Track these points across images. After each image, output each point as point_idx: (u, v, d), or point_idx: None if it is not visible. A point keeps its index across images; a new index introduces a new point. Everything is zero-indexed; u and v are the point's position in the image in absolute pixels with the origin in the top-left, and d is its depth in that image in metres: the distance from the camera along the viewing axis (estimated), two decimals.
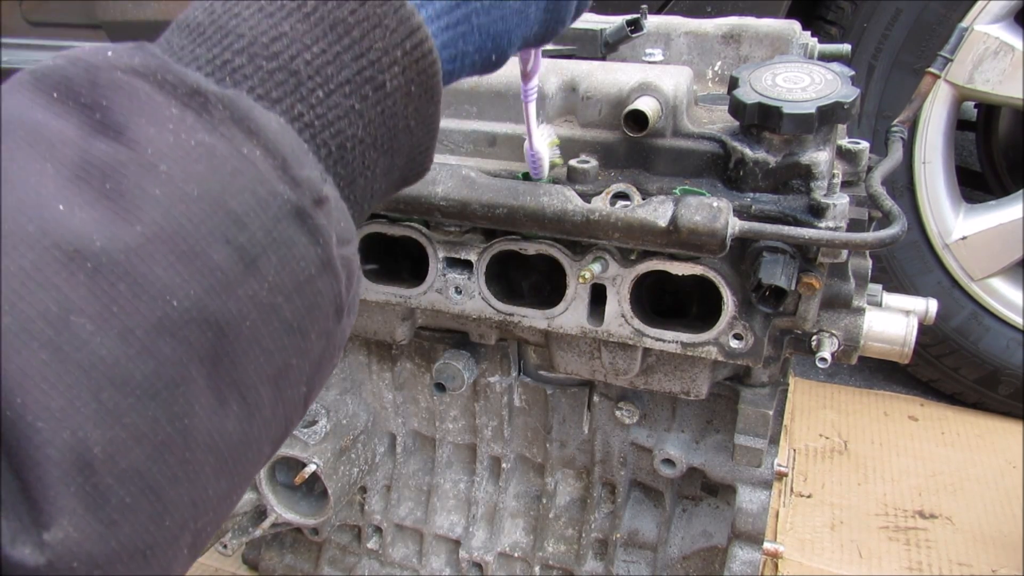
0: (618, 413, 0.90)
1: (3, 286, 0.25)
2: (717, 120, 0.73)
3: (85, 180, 0.28)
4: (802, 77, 0.67)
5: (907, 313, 0.79)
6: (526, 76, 0.60)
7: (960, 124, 1.62)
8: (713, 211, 0.63)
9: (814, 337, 0.77)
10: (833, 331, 0.77)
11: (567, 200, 0.68)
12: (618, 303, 0.74)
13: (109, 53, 0.31)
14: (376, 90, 0.36)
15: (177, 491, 0.29)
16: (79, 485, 0.26)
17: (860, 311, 0.77)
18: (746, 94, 0.66)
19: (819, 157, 0.66)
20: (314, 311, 0.33)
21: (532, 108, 0.63)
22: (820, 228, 0.64)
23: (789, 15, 1.43)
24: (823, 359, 0.75)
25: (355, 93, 0.36)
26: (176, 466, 0.29)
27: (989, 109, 1.98)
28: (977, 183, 2.02)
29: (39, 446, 0.25)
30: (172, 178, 0.29)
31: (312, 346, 0.34)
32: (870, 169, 0.75)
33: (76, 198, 0.28)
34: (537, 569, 1.02)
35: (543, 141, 0.67)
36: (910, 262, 1.52)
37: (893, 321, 0.77)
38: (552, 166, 0.70)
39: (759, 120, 0.65)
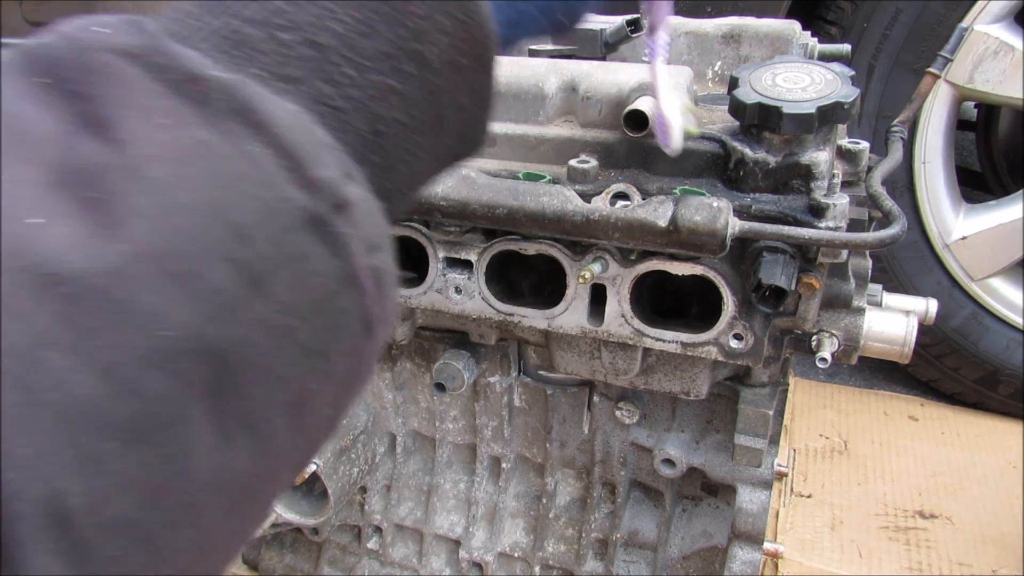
0: (618, 413, 0.90)
1: None
2: (717, 120, 0.73)
3: (66, 187, 0.24)
4: (802, 77, 0.67)
5: (907, 313, 0.79)
6: (652, 28, 0.53)
7: (960, 124, 1.62)
8: (713, 211, 0.63)
9: (814, 337, 0.77)
10: (833, 331, 0.77)
11: (567, 200, 0.68)
12: (618, 303, 0.74)
13: (103, 29, 0.27)
14: (418, 64, 0.31)
15: (177, 537, 0.26)
16: (55, 542, 0.23)
17: (860, 311, 0.77)
18: (746, 94, 0.66)
19: (819, 157, 0.66)
20: (336, 330, 0.29)
21: (661, 65, 0.55)
22: (820, 228, 0.64)
23: (789, 15, 1.43)
24: (823, 359, 0.75)
25: (392, 69, 0.31)
26: (174, 511, 0.25)
27: (989, 109, 1.98)
28: (977, 183, 2.02)
29: (9, 499, 0.22)
30: (162, 184, 0.25)
31: (336, 367, 0.30)
32: (870, 169, 0.75)
33: (54, 209, 0.24)
34: (537, 569, 1.02)
35: (675, 105, 0.59)
36: (910, 262, 1.52)
37: (893, 321, 0.77)
38: (687, 136, 0.61)
39: (759, 120, 0.65)
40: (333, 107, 0.30)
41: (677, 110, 0.60)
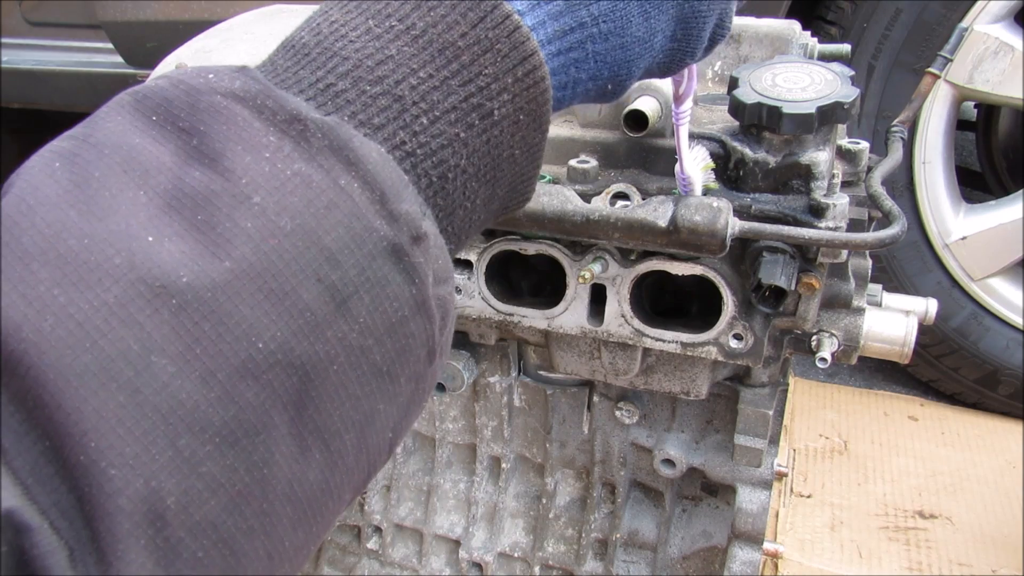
0: (618, 413, 0.90)
1: (86, 322, 0.24)
2: (717, 120, 0.73)
3: (177, 210, 0.27)
4: (802, 77, 0.67)
5: (907, 313, 0.79)
6: (678, 98, 0.58)
7: (960, 124, 1.62)
8: (713, 211, 0.63)
9: (814, 337, 0.77)
10: (833, 331, 0.77)
11: (567, 200, 0.68)
12: (618, 303, 0.74)
13: (211, 76, 0.30)
14: (483, 118, 0.35)
15: (252, 544, 0.27)
16: (149, 538, 0.24)
17: (860, 311, 0.77)
18: (746, 94, 0.66)
19: (819, 157, 0.66)
20: (405, 354, 0.31)
21: (684, 132, 0.60)
22: (820, 228, 0.64)
23: (789, 15, 1.43)
24: (823, 359, 0.75)
25: (461, 121, 0.34)
26: (252, 518, 0.27)
27: (989, 109, 1.98)
28: (977, 183, 2.02)
29: (111, 495, 0.24)
30: (265, 210, 0.28)
31: (401, 390, 0.32)
32: (870, 169, 0.75)
33: (166, 229, 0.27)
34: (537, 569, 1.02)
35: (695, 165, 0.65)
36: (910, 262, 1.51)
37: (893, 321, 0.77)
38: (706, 190, 0.67)
39: (759, 120, 0.65)
40: (407, 152, 0.33)
41: (698, 169, 0.66)
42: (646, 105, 0.68)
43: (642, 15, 0.40)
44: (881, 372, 1.75)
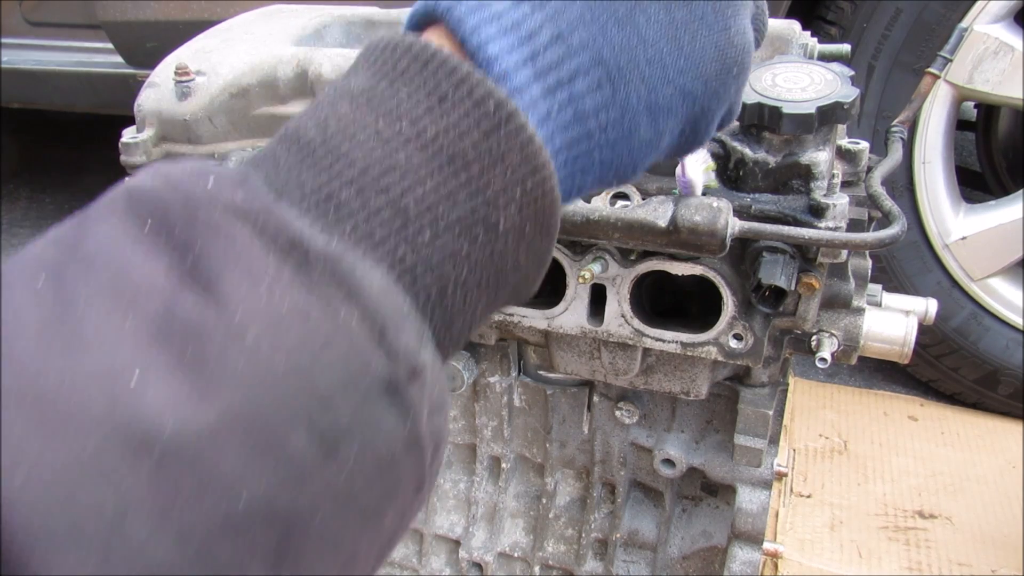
0: (618, 413, 0.90)
1: (61, 476, 0.23)
2: None
3: (166, 342, 0.25)
4: (802, 77, 0.67)
5: (907, 313, 0.79)
6: None
7: (960, 124, 1.62)
8: (713, 211, 0.63)
9: (814, 337, 0.77)
10: (833, 331, 0.77)
11: None
12: (618, 303, 0.74)
13: (211, 183, 0.28)
14: (488, 231, 0.33)
15: None
16: None
17: (860, 311, 0.77)
18: (746, 94, 0.66)
19: (819, 157, 0.66)
20: (393, 492, 0.30)
21: None
22: (820, 228, 0.64)
23: (789, 15, 1.43)
24: (823, 359, 0.75)
25: (465, 234, 0.32)
26: None
27: (989, 109, 1.98)
28: (977, 183, 2.02)
29: None
30: (259, 349, 0.26)
31: (386, 527, 0.30)
32: (870, 169, 0.75)
33: (153, 364, 0.25)
34: (537, 569, 1.02)
35: (696, 168, 0.66)
36: (910, 262, 1.51)
37: (893, 321, 0.77)
38: (706, 190, 0.68)
39: (759, 120, 0.65)
40: (407, 267, 0.31)
41: (700, 171, 0.66)
42: None
43: (651, 121, 0.38)
44: (881, 372, 1.75)
